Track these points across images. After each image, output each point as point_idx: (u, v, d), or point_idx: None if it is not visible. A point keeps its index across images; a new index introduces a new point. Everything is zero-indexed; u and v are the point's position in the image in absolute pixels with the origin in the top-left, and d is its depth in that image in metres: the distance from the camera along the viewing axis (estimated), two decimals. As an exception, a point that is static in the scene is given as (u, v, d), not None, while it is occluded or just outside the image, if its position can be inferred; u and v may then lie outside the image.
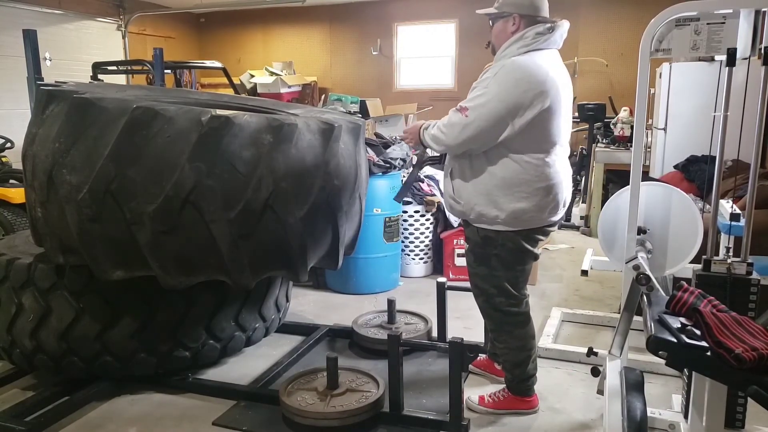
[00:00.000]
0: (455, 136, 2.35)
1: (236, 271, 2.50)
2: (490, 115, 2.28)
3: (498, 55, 2.42)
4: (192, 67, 8.19)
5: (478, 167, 2.41)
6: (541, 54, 2.36)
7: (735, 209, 2.62)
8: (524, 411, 2.64)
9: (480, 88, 2.33)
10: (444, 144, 2.42)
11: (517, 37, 2.36)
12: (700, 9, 2.22)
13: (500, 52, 2.41)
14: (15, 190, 4.73)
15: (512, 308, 2.53)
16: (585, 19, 8.30)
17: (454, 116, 2.36)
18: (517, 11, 2.39)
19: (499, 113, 2.27)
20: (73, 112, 2.41)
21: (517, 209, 2.36)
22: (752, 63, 2.26)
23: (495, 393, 2.67)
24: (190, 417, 2.64)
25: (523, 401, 2.64)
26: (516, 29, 2.39)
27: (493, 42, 2.48)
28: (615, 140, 6.17)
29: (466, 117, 2.30)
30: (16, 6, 7.32)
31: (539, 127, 2.32)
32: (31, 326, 2.65)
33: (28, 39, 4.61)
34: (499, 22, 2.44)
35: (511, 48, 2.36)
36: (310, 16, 9.85)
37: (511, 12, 2.40)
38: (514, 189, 2.36)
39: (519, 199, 2.36)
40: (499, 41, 2.44)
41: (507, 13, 2.40)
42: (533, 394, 2.66)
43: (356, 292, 4.27)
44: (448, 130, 2.37)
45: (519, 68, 2.30)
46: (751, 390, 1.46)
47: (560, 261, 5.15)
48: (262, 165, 2.42)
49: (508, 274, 2.48)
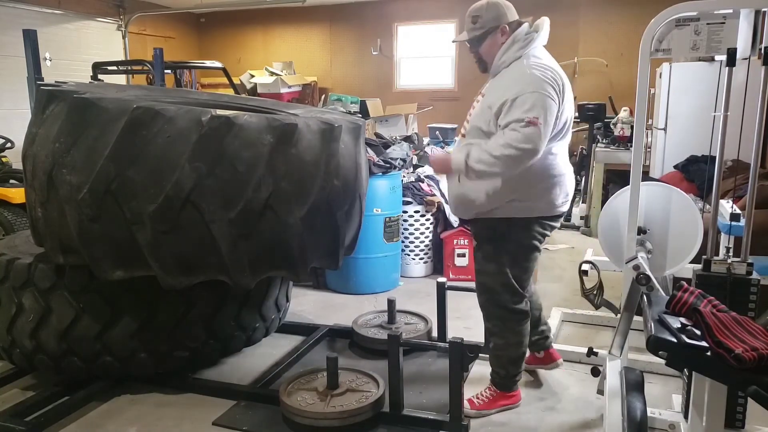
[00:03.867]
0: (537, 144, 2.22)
1: (236, 271, 2.50)
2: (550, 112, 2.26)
3: (496, 63, 2.44)
4: (192, 67, 8.19)
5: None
6: (541, 50, 2.43)
7: (735, 209, 2.62)
8: (512, 406, 2.67)
9: (523, 97, 2.25)
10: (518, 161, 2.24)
11: (510, 42, 2.40)
12: (700, 9, 2.22)
13: (497, 60, 2.43)
14: (15, 190, 4.74)
15: (516, 306, 2.55)
16: (585, 19, 8.30)
17: (526, 130, 2.21)
18: (503, 22, 2.43)
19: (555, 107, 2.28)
20: (73, 112, 2.41)
21: (533, 197, 2.42)
22: (752, 63, 2.26)
23: (481, 393, 2.67)
24: (190, 417, 2.64)
25: (510, 397, 2.67)
26: (507, 38, 2.43)
27: (486, 59, 2.50)
28: (615, 140, 6.17)
29: (541, 124, 2.21)
30: (16, 6, 7.32)
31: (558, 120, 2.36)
32: (31, 326, 2.65)
33: (28, 39, 4.61)
34: (487, 39, 2.46)
35: (509, 53, 2.40)
36: (310, 16, 9.85)
37: (498, 25, 2.43)
38: (530, 179, 2.38)
39: (536, 188, 2.41)
40: (492, 55, 2.46)
41: (493, 28, 2.43)
42: (518, 389, 2.70)
43: (356, 292, 4.27)
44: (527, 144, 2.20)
45: (540, 65, 2.33)
46: (751, 390, 1.46)
47: (560, 261, 5.15)
48: (262, 165, 2.42)
49: (516, 271, 2.51)
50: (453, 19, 9.02)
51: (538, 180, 2.41)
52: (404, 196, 4.50)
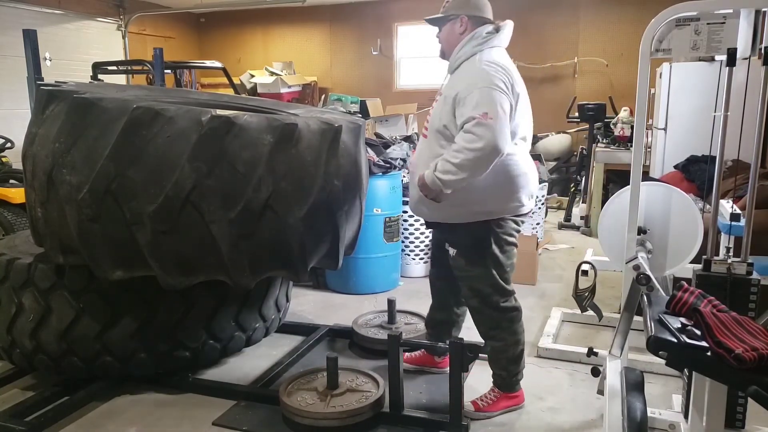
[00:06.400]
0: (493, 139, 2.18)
1: (236, 271, 2.50)
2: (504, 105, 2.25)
3: (453, 58, 2.48)
4: (192, 67, 8.18)
5: None
6: (498, 50, 2.44)
7: (735, 209, 2.62)
8: (516, 407, 2.67)
9: (472, 94, 2.26)
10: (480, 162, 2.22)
11: (469, 38, 2.44)
12: (700, 9, 2.22)
13: (455, 55, 2.47)
14: (15, 190, 4.73)
15: (508, 303, 2.57)
16: (585, 19, 8.30)
17: (477, 129, 2.20)
18: (464, 12, 2.47)
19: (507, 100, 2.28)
20: (73, 112, 2.41)
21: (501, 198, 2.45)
22: (752, 63, 2.26)
23: (486, 396, 2.67)
24: (190, 417, 2.64)
25: (514, 397, 2.66)
26: (464, 30, 2.46)
27: (444, 47, 2.54)
28: (615, 140, 6.17)
29: (491, 119, 2.19)
30: (16, 6, 7.32)
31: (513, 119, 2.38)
32: (31, 326, 2.65)
33: (28, 39, 4.61)
34: (446, 25, 2.51)
35: (465, 48, 2.43)
36: (310, 16, 9.85)
37: (459, 14, 2.48)
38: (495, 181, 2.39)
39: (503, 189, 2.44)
40: (449, 44, 2.51)
41: (454, 15, 2.48)
42: (520, 388, 2.70)
43: (356, 292, 4.27)
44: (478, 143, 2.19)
45: (491, 62, 2.35)
46: (751, 390, 1.46)
47: (560, 261, 5.15)
48: (262, 165, 2.42)
49: (500, 271, 2.54)
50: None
51: (502, 181, 2.42)
52: (404, 196, 4.50)
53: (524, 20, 8.55)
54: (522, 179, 2.47)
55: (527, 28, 8.52)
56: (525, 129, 2.49)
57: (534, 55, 8.36)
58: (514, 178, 2.44)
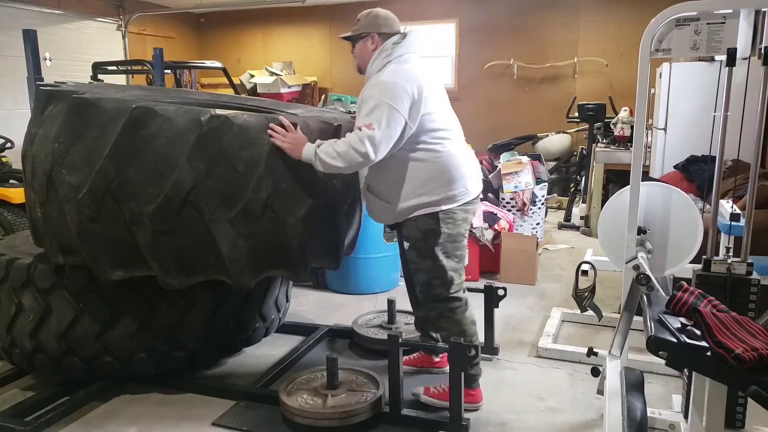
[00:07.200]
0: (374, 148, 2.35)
1: (236, 271, 2.50)
2: (392, 119, 2.37)
3: (368, 72, 2.61)
4: (192, 67, 8.18)
5: (396, 169, 2.52)
6: (407, 57, 2.56)
7: (735, 209, 2.62)
8: (471, 405, 2.62)
9: (370, 102, 2.40)
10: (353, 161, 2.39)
11: (378, 52, 2.58)
12: (700, 9, 2.22)
13: (369, 69, 2.61)
14: (15, 190, 4.73)
15: (453, 294, 2.60)
16: (585, 19, 8.29)
17: (361, 134, 2.36)
18: (375, 30, 2.60)
19: (399, 115, 2.39)
20: (73, 112, 2.41)
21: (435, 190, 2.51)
22: (752, 63, 2.27)
23: (441, 385, 2.67)
24: (190, 417, 2.64)
25: (468, 395, 2.60)
26: (375, 47, 2.61)
27: (359, 62, 2.70)
28: (615, 140, 6.17)
29: (374, 129, 2.35)
30: (16, 6, 7.32)
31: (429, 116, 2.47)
32: (31, 326, 2.65)
33: (28, 39, 4.61)
34: (359, 42, 2.65)
35: (377, 62, 2.57)
36: (310, 16, 9.85)
37: (370, 32, 2.61)
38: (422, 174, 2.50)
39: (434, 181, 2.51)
40: (363, 60, 2.65)
41: (365, 33, 2.62)
42: (477, 387, 2.67)
43: (356, 292, 4.27)
44: (361, 147, 2.35)
45: (394, 71, 2.47)
46: (751, 390, 1.46)
47: (560, 261, 5.15)
48: (262, 165, 2.42)
49: (450, 263, 2.57)
50: (453, 19, 9.01)
51: (431, 176, 2.50)
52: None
53: (524, 20, 8.56)
54: (454, 171, 2.52)
55: (527, 28, 8.53)
56: (446, 123, 2.57)
57: (534, 55, 8.35)
58: (445, 172, 2.51)
